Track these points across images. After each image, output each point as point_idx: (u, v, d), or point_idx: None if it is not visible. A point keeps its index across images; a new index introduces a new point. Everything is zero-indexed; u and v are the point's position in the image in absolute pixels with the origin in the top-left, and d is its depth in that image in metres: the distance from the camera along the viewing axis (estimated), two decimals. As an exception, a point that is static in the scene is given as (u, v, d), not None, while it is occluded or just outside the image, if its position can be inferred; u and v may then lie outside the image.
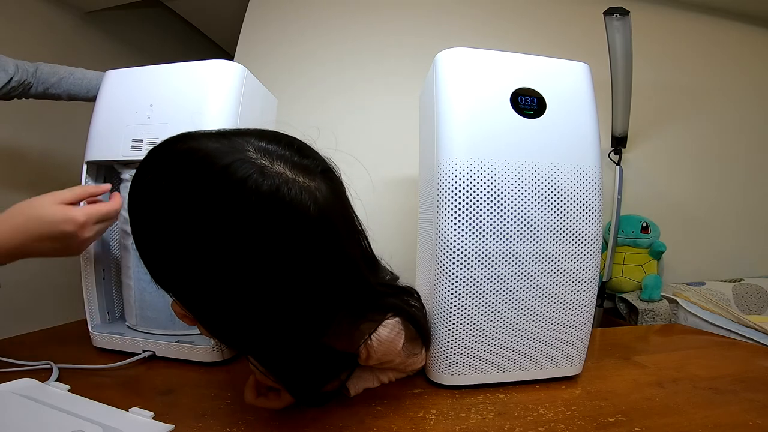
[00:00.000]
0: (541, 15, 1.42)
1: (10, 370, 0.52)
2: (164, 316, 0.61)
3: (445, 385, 0.54)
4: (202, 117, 0.57)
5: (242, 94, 0.61)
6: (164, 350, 0.59)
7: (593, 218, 0.54)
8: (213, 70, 0.60)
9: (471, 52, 0.54)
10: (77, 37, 1.47)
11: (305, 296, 0.34)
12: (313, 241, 0.33)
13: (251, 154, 0.32)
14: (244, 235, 0.31)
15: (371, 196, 1.34)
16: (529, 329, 0.54)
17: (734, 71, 1.47)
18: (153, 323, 0.62)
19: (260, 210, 0.31)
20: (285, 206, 0.31)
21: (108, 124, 0.63)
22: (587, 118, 0.56)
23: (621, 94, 1.18)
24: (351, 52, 1.39)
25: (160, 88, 0.61)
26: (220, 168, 0.31)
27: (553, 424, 0.45)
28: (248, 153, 0.32)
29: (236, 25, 1.42)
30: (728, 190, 1.44)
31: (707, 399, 0.52)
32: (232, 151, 0.32)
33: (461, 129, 0.52)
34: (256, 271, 0.32)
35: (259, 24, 1.43)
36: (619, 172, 1.25)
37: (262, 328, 0.35)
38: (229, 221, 0.31)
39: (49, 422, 0.39)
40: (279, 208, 0.31)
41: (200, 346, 0.57)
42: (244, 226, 0.31)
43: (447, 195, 0.51)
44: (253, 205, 0.30)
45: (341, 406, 0.48)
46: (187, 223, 0.31)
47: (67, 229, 0.47)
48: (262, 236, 0.31)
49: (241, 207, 0.30)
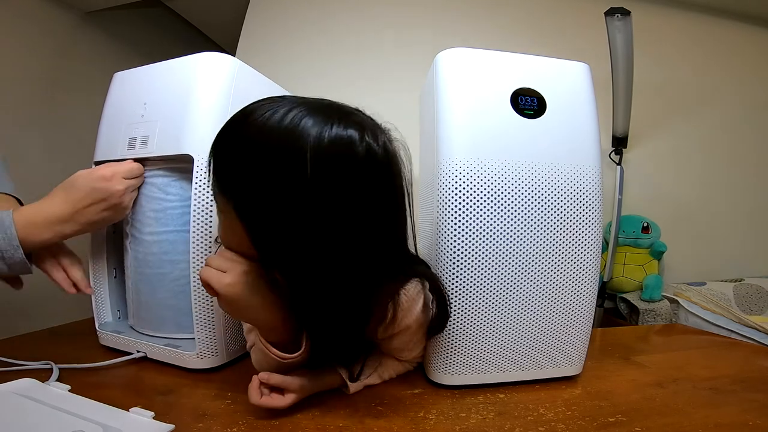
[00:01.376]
0: (541, 15, 1.42)
1: (10, 369, 0.52)
2: (155, 317, 0.61)
3: (445, 385, 0.54)
4: (192, 111, 0.56)
5: (234, 86, 0.59)
6: (154, 352, 0.59)
7: (593, 218, 0.54)
8: (201, 63, 0.59)
9: (471, 52, 0.54)
10: (77, 37, 1.46)
11: (376, 237, 0.41)
12: (398, 191, 0.44)
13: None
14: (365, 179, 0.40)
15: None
16: (529, 329, 0.54)
17: (735, 71, 1.47)
18: (146, 324, 0.62)
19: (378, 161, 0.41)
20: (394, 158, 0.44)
21: (110, 124, 0.63)
22: (588, 119, 0.56)
23: (622, 94, 1.18)
24: (351, 53, 1.39)
25: (153, 86, 0.61)
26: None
27: (553, 424, 0.45)
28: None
29: (237, 24, 1.42)
30: (729, 190, 1.44)
31: (707, 399, 0.52)
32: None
33: (461, 129, 0.52)
34: (356, 208, 0.39)
35: (259, 24, 1.43)
36: (620, 172, 1.25)
37: (335, 264, 0.40)
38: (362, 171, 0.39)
39: (49, 422, 0.39)
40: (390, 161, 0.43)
41: (187, 353, 0.57)
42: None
43: (446, 195, 0.51)
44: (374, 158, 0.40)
45: (341, 406, 0.48)
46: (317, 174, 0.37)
47: (98, 185, 0.54)
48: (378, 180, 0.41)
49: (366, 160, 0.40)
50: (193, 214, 0.54)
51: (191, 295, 0.55)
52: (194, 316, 0.55)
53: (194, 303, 0.55)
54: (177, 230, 0.59)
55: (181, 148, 0.55)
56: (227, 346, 0.58)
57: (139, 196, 0.60)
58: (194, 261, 0.55)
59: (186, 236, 0.55)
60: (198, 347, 0.56)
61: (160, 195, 0.59)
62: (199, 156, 0.55)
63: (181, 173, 0.59)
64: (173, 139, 0.56)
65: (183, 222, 0.58)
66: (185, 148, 0.55)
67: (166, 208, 0.59)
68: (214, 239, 0.54)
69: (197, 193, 0.54)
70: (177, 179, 0.59)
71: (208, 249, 0.55)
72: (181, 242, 0.58)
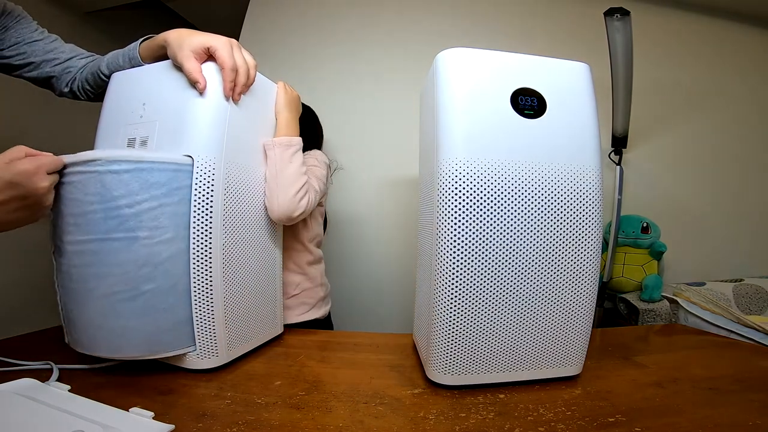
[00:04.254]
0: (541, 15, 1.42)
1: (10, 369, 0.52)
2: (86, 338, 0.52)
3: (445, 385, 0.54)
4: (191, 111, 0.56)
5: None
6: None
7: (593, 219, 0.54)
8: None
9: (471, 52, 0.54)
10: (77, 38, 1.46)
11: None
12: None
13: None
14: None
15: (372, 196, 1.34)
16: (528, 329, 0.54)
17: (735, 71, 1.47)
18: (79, 345, 0.54)
19: None
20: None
21: (109, 125, 0.63)
22: (587, 118, 0.56)
23: (621, 94, 1.18)
24: (352, 52, 1.39)
25: (152, 87, 0.61)
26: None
27: (553, 424, 0.45)
28: None
29: (236, 25, 1.42)
30: (729, 190, 1.44)
31: (707, 399, 0.52)
32: None
33: (461, 129, 0.52)
34: None
35: (259, 24, 1.43)
36: (620, 172, 1.25)
37: None
38: None
39: (49, 422, 0.39)
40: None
41: (187, 353, 0.56)
42: None
43: (446, 195, 0.51)
44: None
45: (341, 406, 0.48)
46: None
47: (18, 180, 0.45)
48: None
49: None
50: (192, 218, 0.54)
51: (191, 296, 0.55)
52: (194, 317, 0.55)
53: (194, 303, 0.55)
54: (100, 239, 0.49)
55: (181, 149, 0.55)
56: (227, 346, 0.58)
57: (56, 198, 0.50)
58: (195, 268, 0.54)
59: (112, 245, 0.49)
60: (198, 347, 0.56)
61: (79, 196, 0.49)
62: (199, 157, 0.55)
63: (101, 166, 0.49)
64: (173, 140, 0.56)
65: (106, 229, 0.49)
66: (185, 149, 0.55)
67: (86, 212, 0.49)
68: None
69: (197, 195, 0.54)
70: (97, 175, 0.49)
71: (209, 255, 0.55)
72: (106, 253, 0.49)
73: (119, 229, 0.49)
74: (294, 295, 0.83)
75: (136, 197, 0.50)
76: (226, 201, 0.58)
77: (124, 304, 0.50)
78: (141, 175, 0.50)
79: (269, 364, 0.62)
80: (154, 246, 0.51)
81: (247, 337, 0.64)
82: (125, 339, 0.51)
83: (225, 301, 0.58)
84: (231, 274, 0.59)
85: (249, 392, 0.51)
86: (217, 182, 0.56)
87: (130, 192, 0.50)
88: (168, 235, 0.52)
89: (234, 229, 0.60)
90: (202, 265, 0.55)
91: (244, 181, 0.63)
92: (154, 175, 0.51)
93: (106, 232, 0.49)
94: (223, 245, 0.57)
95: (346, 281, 1.30)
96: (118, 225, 0.49)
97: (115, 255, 0.49)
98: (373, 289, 1.33)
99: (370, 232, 1.33)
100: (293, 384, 0.55)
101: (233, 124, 0.59)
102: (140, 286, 0.50)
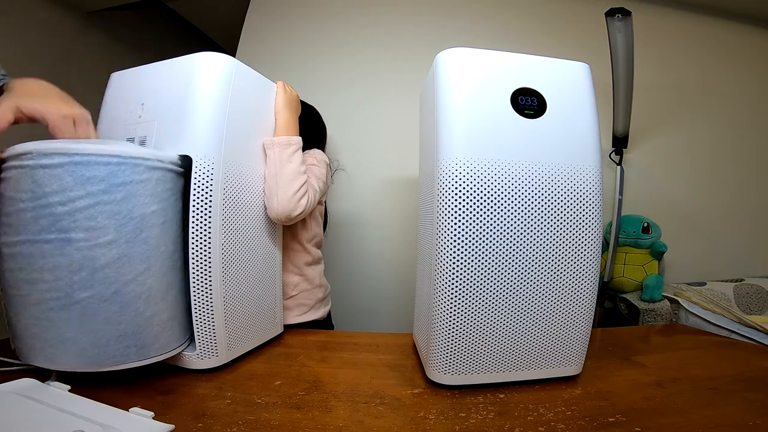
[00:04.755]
0: (542, 15, 1.42)
1: (10, 369, 0.52)
2: (24, 347, 0.47)
3: (445, 385, 0.54)
4: (190, 111, 0.56)
5: (232, 86, 0.60)
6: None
7: (593, 218, 0.54)
8: (199, 63, 0.58)
9: (471, 52, 0.54)
10: (78, 37, 1.47)
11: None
12: None
13: None
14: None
15: (372, 196, 1.34)
16: (528, 329, 0.54)
17: (736, 71, 1.47)
18: (20, 353, 0.48)
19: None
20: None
21: (108, 125, 0.63)
22: (588, 118, 0.56)
23: (622, 95, 1.18)
24: (351, 53, 1.39)
25: (151, 86, 0.61)
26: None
27: (553, 424, 0.45)
28: None
29: (237, 25, 1.42)
30: (729, 190, 1.44)
31: (707, 399, 0.52)
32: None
33: (461, 129, 0.52)
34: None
35: (259, 24, 1.43)
36: (620, 172, 1.25)
37: None
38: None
39: (49, 422, 0.39)
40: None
41: (187, 353, 0.57)
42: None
43: (446, 195, 0.51)
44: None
45: (341, 406, 0.48)
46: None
47: None
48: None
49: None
50: (192, 219, 0.54)
51: (191, 296, 0.55)
52: (194, 317, 0.55)
53: (194, 303, 0.55)
54: (30, 240, 0.44)
55: (180, 149, 0.55)
56: (227, 346, 0.58)
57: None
58: (194, 268, 0.54)
59: (43, 248, 0.44)
60: (198, 347, 0.56)
61: (11, 193, 0.45)
62: (198, 157, 0.55)
63: (32, 159, 0.45)
64: (172, 140, 0.56)
65: (37, 229, 0.44)
66: (184, 149, 0.55)
67: (17, 211, 0.45)
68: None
69: (196, 195, 0.54)
70: (28, 170, 0.45)
71: (208, 255, 0.55)
72: (38, 256, 0.44)
73: (51, 230, 0.44)
74: (292, 296, 0.83)
75: (70, 193, 0.44)
76: (225, 201, 0.58)
77: (57, 312, 0.45)
78: (75, 169, 0.45)
79: (269, 364, 0.62)
80: (90, 249, 0.45)
81: (247, 337, 0.64)
82: (63, 350, 0.46)
83: (225, 301, 0.58)
84: (230, 274, 0.59)
85: (249, 392, 0.51)
86: (216, 182, 0.56)
87: (63, 188, 0.44)
88: (108, 237, 0.46)
89: (233, 229, 0.60)
90: (202, 265, 0.55)
91: (244, 180, 0.63)
92: (91, 169, 0.45)
93: (36, 232, 0.44)
94: (223, 245, 0.57)
95: (346, 281, 1.30)
96: (49, 225, 0.44)
97: (47, 259, 0.44)
98: (373, 289, 1.33)
99: (371, 231, 1.33)
100: (293, 384, 0.55)
101: (232, 124, 0.59)
102: (75, 294, 0.45)
